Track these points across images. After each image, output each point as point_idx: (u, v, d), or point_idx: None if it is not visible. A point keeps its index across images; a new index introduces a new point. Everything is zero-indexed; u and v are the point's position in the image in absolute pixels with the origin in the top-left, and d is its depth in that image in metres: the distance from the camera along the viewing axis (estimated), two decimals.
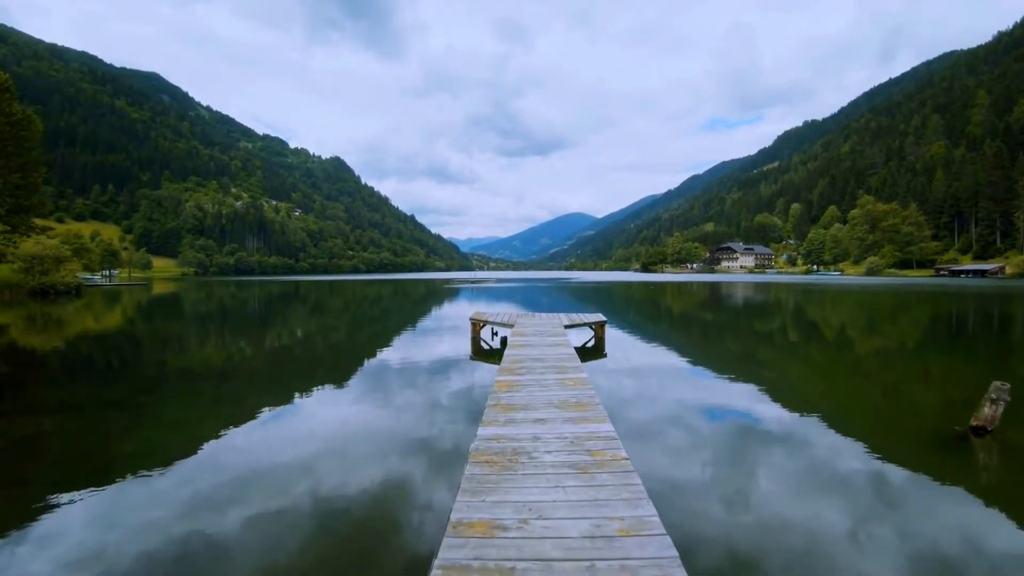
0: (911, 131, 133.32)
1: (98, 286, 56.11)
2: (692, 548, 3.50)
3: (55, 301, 30.76)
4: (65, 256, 35.90)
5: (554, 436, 4.38)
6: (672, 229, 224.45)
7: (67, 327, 19.08)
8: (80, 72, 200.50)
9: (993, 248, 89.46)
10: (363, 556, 3.55)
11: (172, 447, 5.82)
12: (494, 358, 10.43)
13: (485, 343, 13.13)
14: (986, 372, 10.73)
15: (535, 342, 9.82)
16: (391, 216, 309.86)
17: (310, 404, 7.75)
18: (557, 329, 11.77)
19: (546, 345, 9.40)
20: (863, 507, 4.24)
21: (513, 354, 8.56)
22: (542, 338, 10.36)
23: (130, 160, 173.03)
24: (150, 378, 10.08)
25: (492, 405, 5.34)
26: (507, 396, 5.72)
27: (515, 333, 11.25)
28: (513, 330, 11.95)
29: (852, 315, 23.07)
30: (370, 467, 5.13)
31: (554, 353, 8.50)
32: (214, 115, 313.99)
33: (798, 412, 7.15)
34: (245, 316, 25.14)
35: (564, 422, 4.76)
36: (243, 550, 3.59)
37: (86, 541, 3.71)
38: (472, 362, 10.96)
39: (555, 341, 9.90)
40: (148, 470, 5.04)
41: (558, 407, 5.24)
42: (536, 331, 11.45)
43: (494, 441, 4.28)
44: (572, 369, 7.22)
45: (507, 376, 6.79)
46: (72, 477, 4.95)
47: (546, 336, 10.64)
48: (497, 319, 13.72)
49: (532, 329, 11.77)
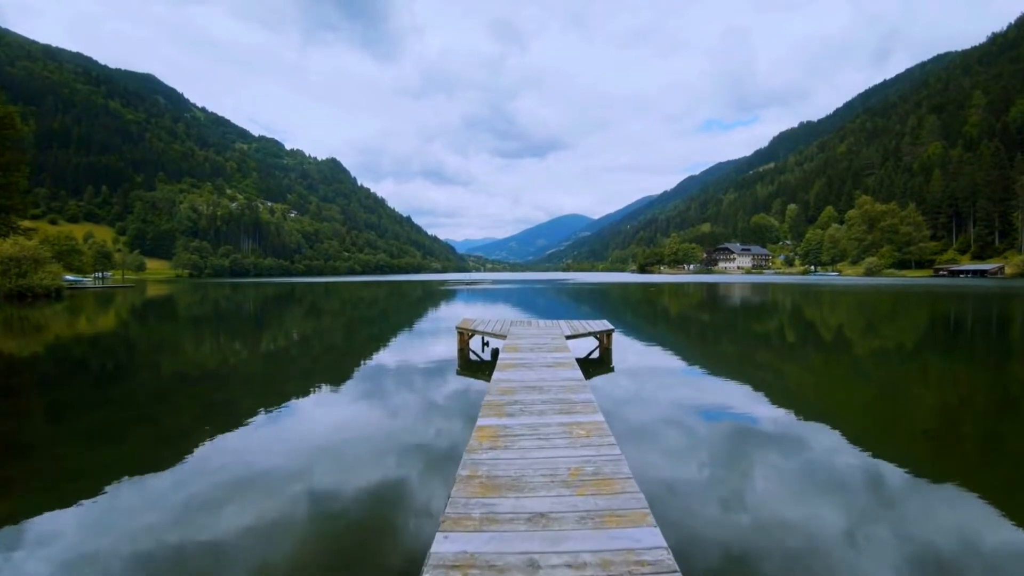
0: (907, 131, 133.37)
1: (85, 288, 55.04)
2: None
3: (32, 304, 29.74)
4: (44, 257, 34.76)
5: (565, 559, 2.49)
6: (668, 230, 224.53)
7: (32, 333, 18.24)
8: (74, 73, 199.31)
9: (991, 248, 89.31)
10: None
11: (158, 454, 5.65)
12: (483, 373, 9.25)
13: (475, 354, 11.63)
14: (990, 374, 10.54)
15: (531, 359, 8.26)
16: (387, 217, 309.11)
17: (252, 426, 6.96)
18: (558, 341, 10.17)
19: (545, 364, 7.85)
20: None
21: (503, 378, 6.89)
22: (540, 353, 8.77)
23: (124, 161, 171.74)
24: (89, 402, 9.28)
25: (464, 480, 3.45)
26: (488, 460, 3.84)
27: (508, 347, 9.51)
28: (506, 342, 10.19)
29: (880, 319, 22.36)
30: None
31: (556, 377, 6.93)
32: (209, 116, 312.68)
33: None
34: (228, 322, 24.38)
35: (579, 521, 2.86)
36: (238, 553, 3.58)
37: (79, 545, 3.70)
38: (458, 378, 9.55)
39: (556, 359, 8.27)
40: (140, 474, 4.98)
41: (567, 484, 3.38)
42: (533, 343, 9.86)
43: (458, 571, 2.40)
44: (582, 406, 5.43)
45: (492, 418, 4.99)
46: (63, 482, 4.91)
47: (545, 350, 9.09)
48: (488, 328, 12.03)
49: (528, 342, 10.06)
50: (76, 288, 54.05)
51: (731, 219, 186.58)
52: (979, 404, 8.05)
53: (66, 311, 26.34)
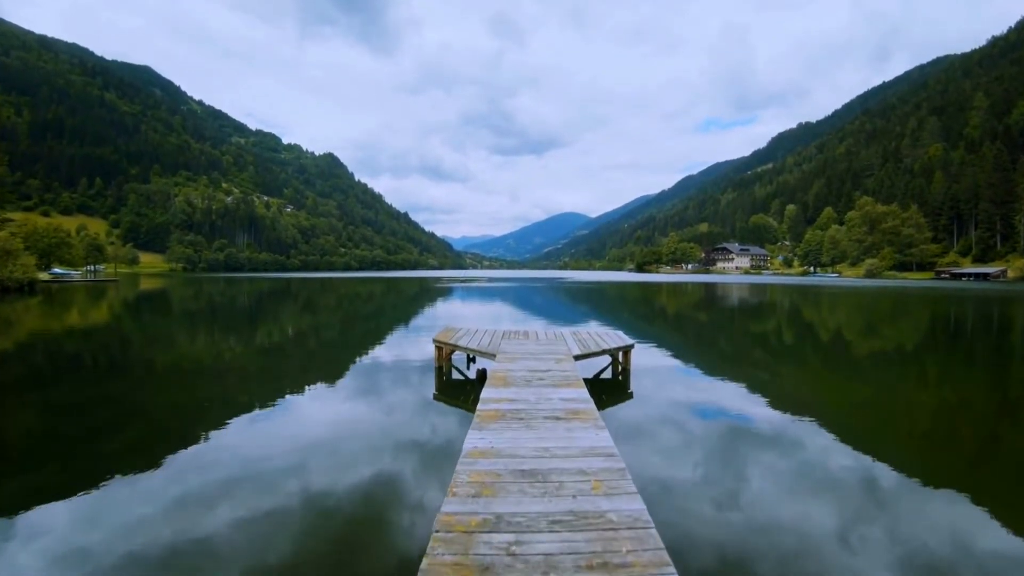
0: (907, 133, 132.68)
1: (69, 282, 53.74)
2: None
3: (2, 299, 28.46)
4: (15, 249, 33.37)
5: None
6: (667, 229, 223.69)
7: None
8: (70, 64, 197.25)
9: (993, 251, 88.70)
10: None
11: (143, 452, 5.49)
12: (467, 401, 7.34)
13: (458, 371, 9.63)
14: (989, 377, 10.18)
15: (528, 397, 5.57)
16: (384, 213, 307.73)
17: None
18: (564, 365, 7.47)
19: (544, 417, 4.86)
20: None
21: (482, 443, 4.05)
22: (539, 388, 6.05)
23: (119, 154, 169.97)
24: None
25: None
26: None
27: (496, 377, 6.70)
28: (495, 365, 7.63)
29: (905, 326, 21.18)
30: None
31: (567, 440, 4.16)
32: (206, 110, 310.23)
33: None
34: (200, 325, 23.34)
35: None
36: (232, 548, 3.54)
37: (72, 540, 3.65)
38: (435, 405, 7.45)
39: (564, 401, 5.45)
40: (135, 469, 4.90)
41: None
42: (530, 370, 7.15)
43: None
44: (622, 498, 3.10)
45: (456, 538, 2.63)
46: (56, 475, 4.84)
47: (545, 383, 6.35)
48: (473, 341, 9.50)
49: (524, 366, 7.40)
50: (60, 282, 52.81)
51: (729, 219, 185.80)
52: (976, 407, 7.95)
53: (35, 307, 24.91)
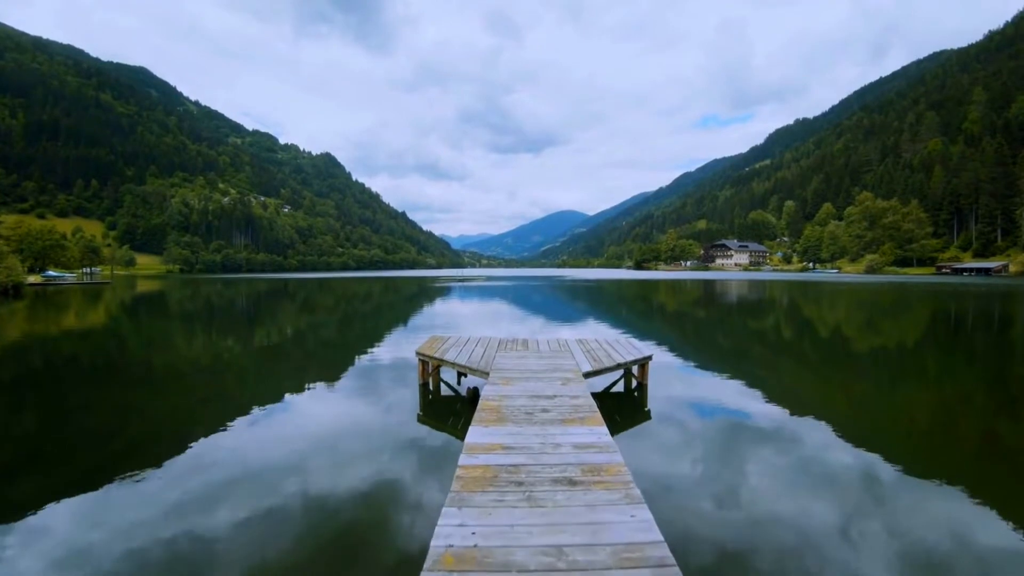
0: (906, 128, 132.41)
1: (62, 285, 53.11)
2: None
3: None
4: (1, 251, 32.61)
5: None
6: (665, 226, 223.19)
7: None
8: (64, 65, 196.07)
9: (994, 246, 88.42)
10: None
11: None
12: (456, 427, 6.30)
13: (447, 386, 8.43)
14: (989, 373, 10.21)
15: (530, 443, 4.20)
16: (382, 213, 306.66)
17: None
18: (572, 388, 6.14)
19: (552, 480, 3.47)
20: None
21: (459, 536, 2.71)
22: (543, 427, 4.63)
23: (115, 155, 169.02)
24: None
25: None
26: None
27: (486, 407, 5.30)
28: (487, 389, 6.17)
29: (926, 327, 20.30)
30: None
31: (589, 528, 2.80)
32: (202, 110, 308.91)
33: None
34: (189, 332, 22.84)
35: None
36: (231, 549, 3.52)
37: (72, 541, 3.64)
38: (419, 428, 6.46)
39: (578, 449, 4.04)
40: (134, 471, 4.88)
41: None
42: (530, 393, 5.89)
43: None
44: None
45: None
46: (57, 476, 4.83)
47: (551, 416, 4.99)
48: (462, 356, 8.04)
49: (522, 389, 6.12)
50: (53, 284, 52.19)
51: (727, 216, 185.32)
52: (976, 403, 7.89)
53: (21, 312, 23.83)
